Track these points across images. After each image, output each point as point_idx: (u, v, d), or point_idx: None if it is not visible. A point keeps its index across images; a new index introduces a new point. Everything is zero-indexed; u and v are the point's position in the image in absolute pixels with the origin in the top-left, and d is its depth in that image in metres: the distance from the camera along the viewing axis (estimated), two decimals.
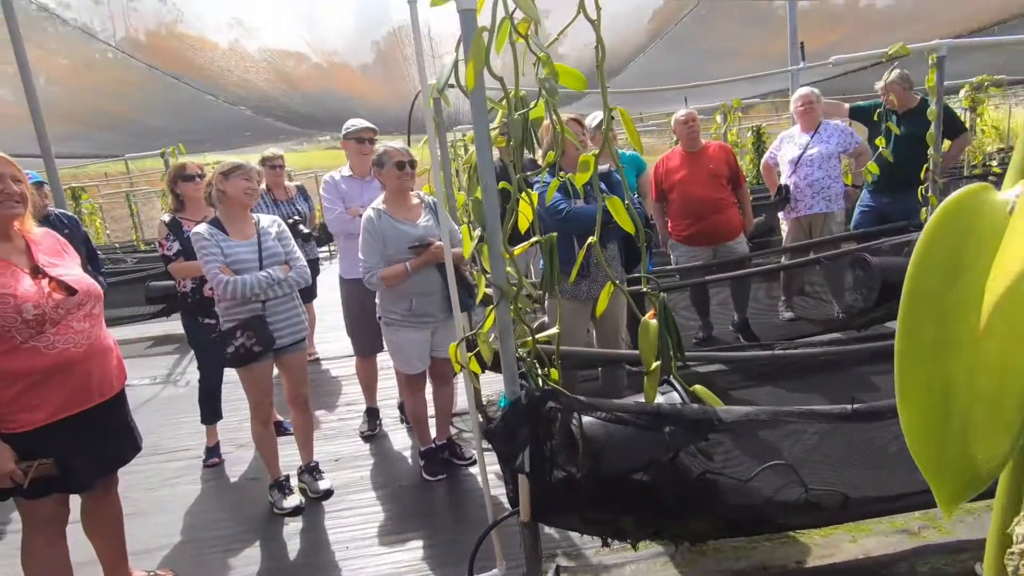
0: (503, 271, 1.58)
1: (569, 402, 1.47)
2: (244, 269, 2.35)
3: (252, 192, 2.37)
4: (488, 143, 1.54)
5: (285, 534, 2.45)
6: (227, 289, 2.26)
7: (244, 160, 2.40)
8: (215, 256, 2.28)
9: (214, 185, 2.33)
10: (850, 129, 3.99)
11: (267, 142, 14.00)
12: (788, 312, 3.98)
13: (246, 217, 2.43)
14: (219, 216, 2.39)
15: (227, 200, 2.35)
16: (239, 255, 2.34)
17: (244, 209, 2.40)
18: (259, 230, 2.44)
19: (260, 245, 2.41)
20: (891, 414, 1.56)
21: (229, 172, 2.33)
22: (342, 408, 3.76)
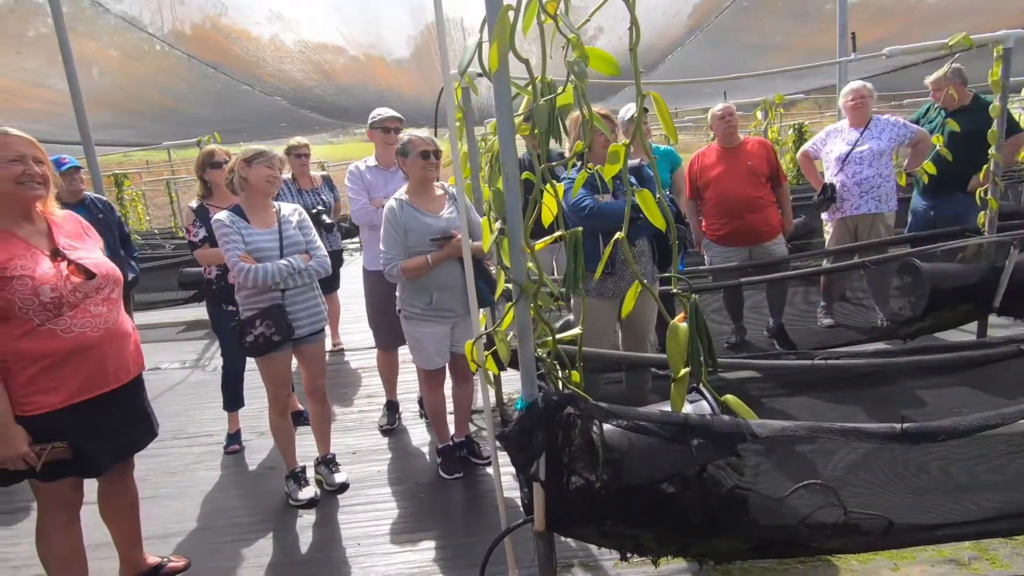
0: (523, 267, 1.50)
1: (589, 408, 1.38)
2: (264, 257, 2.32)
3: (274, 180, 2.34)
4: (512, 130, 1.45)
5: (299, 526, 2.43)
6: (247, 277, 2.24)
7: (269, 148, 2.37)
8: (236, 244, 2.26)
9: (236, 172, 2.31)
10: (903, 121, 3.74)
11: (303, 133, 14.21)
12: (827, 318, 3.79)
13: (267, 205, 2.41)
14: (241, 204, 2.37)
15: (249, 188, 2.32)
16: (259, 243, 2.32)
17: (266, 197, 2.37)
18: (280, 218, 2.41)
19: (281, 234, 2.38)
20: (945, 435, 1.41)
21: (251, 159, 2.30)
22: (362, 400, 3.74)
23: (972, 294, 3.30)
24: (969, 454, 1.53)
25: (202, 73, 7.03)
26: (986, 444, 1.52)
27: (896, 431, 1.38)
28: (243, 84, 7.64)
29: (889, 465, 1.55)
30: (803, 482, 1.59)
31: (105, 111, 7.91)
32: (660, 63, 7.92)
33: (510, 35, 1.36)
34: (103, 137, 9.34)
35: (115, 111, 8.02)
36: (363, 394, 3.86)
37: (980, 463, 1.57)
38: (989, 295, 3.28)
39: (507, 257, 1.52)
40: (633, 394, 2.76)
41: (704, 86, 8.49)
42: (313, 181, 4.13)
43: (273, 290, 2.34)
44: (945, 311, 3.34)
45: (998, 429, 1.40)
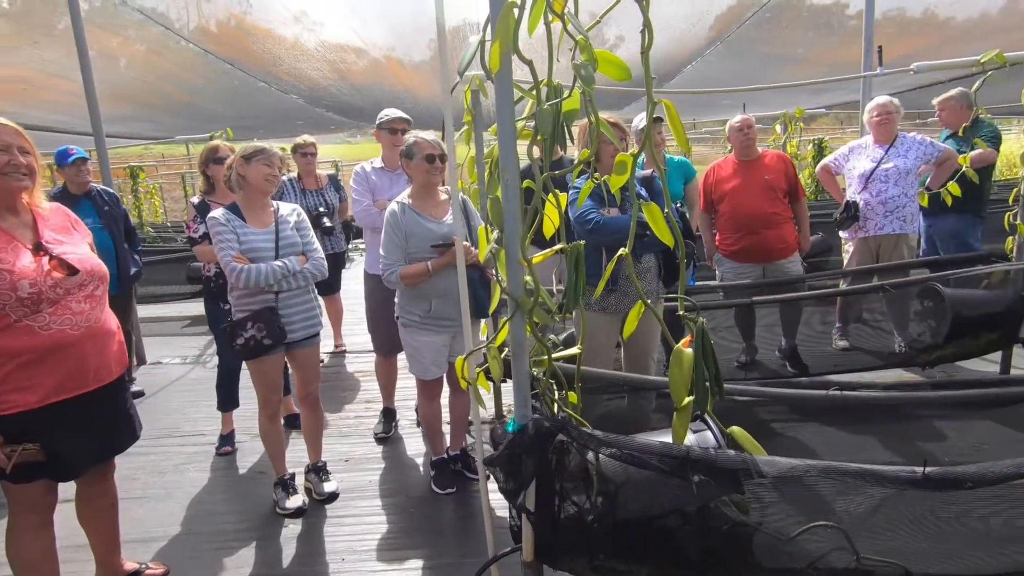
0: (520, 280, 1.41)
1: (582, 436, 1.29)
2: (259, 258, 2.25)
3: (273, 179, 2.27)
4: (513, 135, 1.37)
5: (283, 537, 2.35)
6: (239, 277, 2.17)
7: (268, 145, 2.31)
8: (230, 243, 2.19)
9: (234, 169, 2.25)
10: (929, 140, 3.61)
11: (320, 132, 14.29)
12: (843, 341, 3.65)
13: (265, 204, 2.34)
14: (238, 202, 2.31)
15: (246, 185, 2.26)
16: (255, 243, 2.25)
17: (263, 196, 2.31)
18: (277, 218, 2.35)
19: (278, 234, 2.32)
20: (972, 482, 1.30)
21: (250, 156, 2.24)
22: (360, 406, 3.67)
23: (997, 323, 3.15)
24: (999, 501, 1.41)
25: (219, 69, 7.05)
26: (1017, 490, 1.41)
27: (918, 476, 1.26)
28: (260, 81, 7.65)
29: (908, 508, 1.44)
30: (813, 523, 1.48)
31: (127, 104, 7.99)
32: (678, 72, 7.82)
33: (514, 34, 1.28)
34: (122, 129, 9.43)
35: (136, 104, 8.08)
36: (361, 399, 3.79)
37: (1010, 511, 1.45)
38: (1015, 325, 3.13)
39: (503, 269, 1.44)
40: (636, 414, 2.66)
41: (723, 98, 8.36)
42: (319, 181, 4.08)
43: (266, 292, 2.27)
44: (967, 339, 3.18)
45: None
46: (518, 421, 1.46)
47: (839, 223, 3.74)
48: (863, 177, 3.60)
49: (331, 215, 4.01)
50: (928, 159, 3.55)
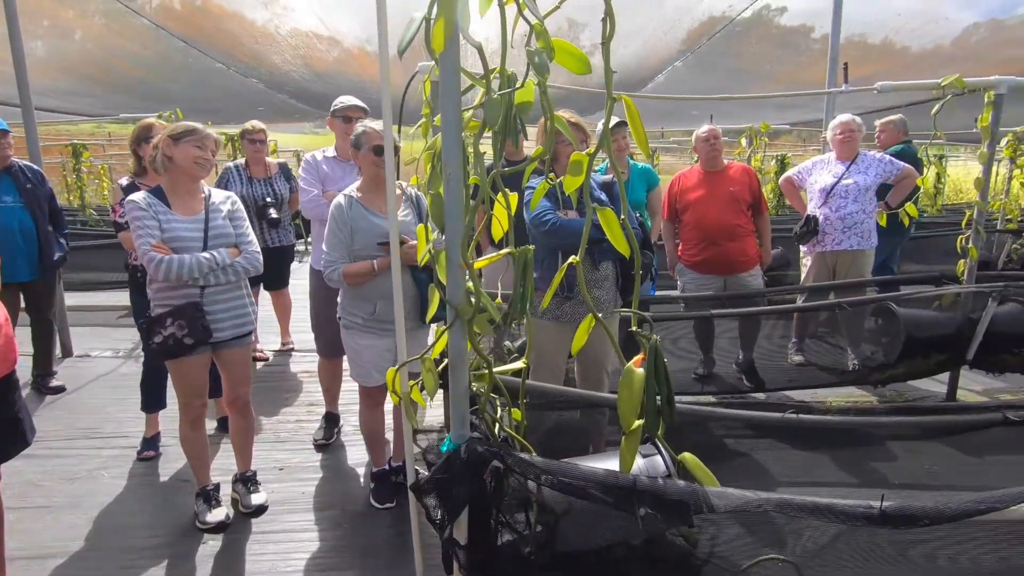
0: (461, 285, 1.27)
1: (521, 464, 1.16)
2: (184, 248, 2.05)
3: (204, 162, 2.07)
4: (458, 125, 1.23)
5: (200, 555, 2.14)
6: (159, 268, 1.96)
7: (202, 126, 2.10)
8: (149, 229, 1.98)
9: (160, 149, 2.04)
10: (889, 158, 3.65)
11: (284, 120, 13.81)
12: (798, 356, 3.64)
13: (194, 190, 2.14)
14: (163, 185, 2.10)
15: (172, 168, 2.05)
16: (179, 232, 2.04)
17: (192, 180, 2.10)
18: (208, 206, 2.14)
19: (207, 223, 2.11)
20: (928, 519, 1.23)
21: (179, 136, 2.03)
22: (302, 409, 3.46)
23: (947, 344, 3.19)
24: (953, 537, 1.36)
25: (172, 47, 6.67)
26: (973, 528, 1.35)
27: (874, 512, 1.18)
28: (217, 62, 7.29)
29: (861, 541, 1.36)
30: (763, 556, 1.39)
31: (77, 78, 7.51)
32: (649, 81, 7.83)
33: (461, 12, 1.14)
34: (69, 105, 8.87)
35: (86, 79, 7.61)
36: (304, 401, 3.58)
37: (962, 546, 1.39)
38: (963, 347, 3.17)
39: (443, 273, 1.30)
40: (590, 426, 2.55)
41: (691, 108, 8.43)
42: (268, 169, 3.85)
43: (191, 286, 2.07)
44: (918, 360, 3.21)
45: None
46: (454, 440, 1.32)
47: (799, 237, 3.74)
48: (824, 192, 3.61)
49: (279, 206, 3.78)
50: (888, 177, 3.59)
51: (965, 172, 15.88)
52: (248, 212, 3.76)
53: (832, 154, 3.71)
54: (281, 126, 14.17)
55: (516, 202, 1.40)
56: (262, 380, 3.93)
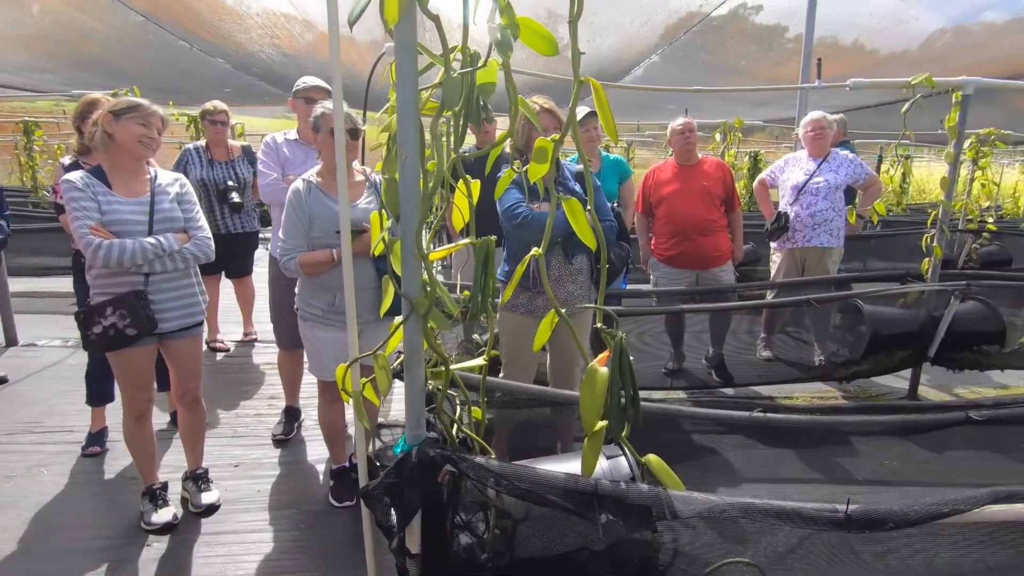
0: (417, 278, 1.19)
1: (474, 469, 1.09)
2: (126, 232, 1.91)
3: (148, 141, 1.93)
4: (414, 105, 1.14)
5: (143, 558, 2.02)
6: (97, 254, 1.83)
7: (147, 102, 1.96)
8: (87, 211, 1.84)
9: (100, 125, 1.89)
10: (859, 160, 3.69)
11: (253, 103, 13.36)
12: (767, 351, 3.66)
13: (138, 170, 2.00)
14: (103, 165, 1.95)
15: (113, 147, 1.91)
16: (121, 215, 1.91)
17: (135, 160, 1.96)
18: (154, 188, 2.01)
19: (153, 206, 1.98)
20: (894, 523, 1.20)
21: (121, 112, 1.89)
22: (262, 402, 3.33)
23: (910, 342, 3.23)
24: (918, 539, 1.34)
25: (131, 21, 6.35)
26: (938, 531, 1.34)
27: (840, 516, 1.15)
28: (180, 40, 6.97)
29: (826, 543, 1.34)
30: (727, 560, 1.36)
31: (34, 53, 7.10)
32: (626, 74, 7.80)
33: None
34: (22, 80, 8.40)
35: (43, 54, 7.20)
36: (265, 395, 3.45)
37: (929, 550, 1.38)
38: (926, 344, 3.22)
39: (398, 263, 1.22)
40: (559, 422, 2.51)
41: (667, 102, 8.43)
42: (230, 152, 3.68)
43: (134, 273, 1.93)
44: (882, 356, 3.26)
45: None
46: (409, 441, 1.25)
47: (770, 233, 3.75)
48: (795, 189, 3.63)
49: (242, 190, 3.62)
50: (857, 180, 3.61)
51: (928, 173, 16.35)
52: (209, 196, 3.63)
53: (804, 152, 3.73)
54: (250, 108, 13.73)
55: (479, 190, 1.33)
56: (222, 372, 3.78)
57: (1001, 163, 13.62)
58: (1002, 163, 13.69)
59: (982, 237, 6.20)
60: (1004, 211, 10.86)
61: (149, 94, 5.24)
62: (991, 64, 6.04)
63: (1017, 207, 11.78)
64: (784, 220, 3.63)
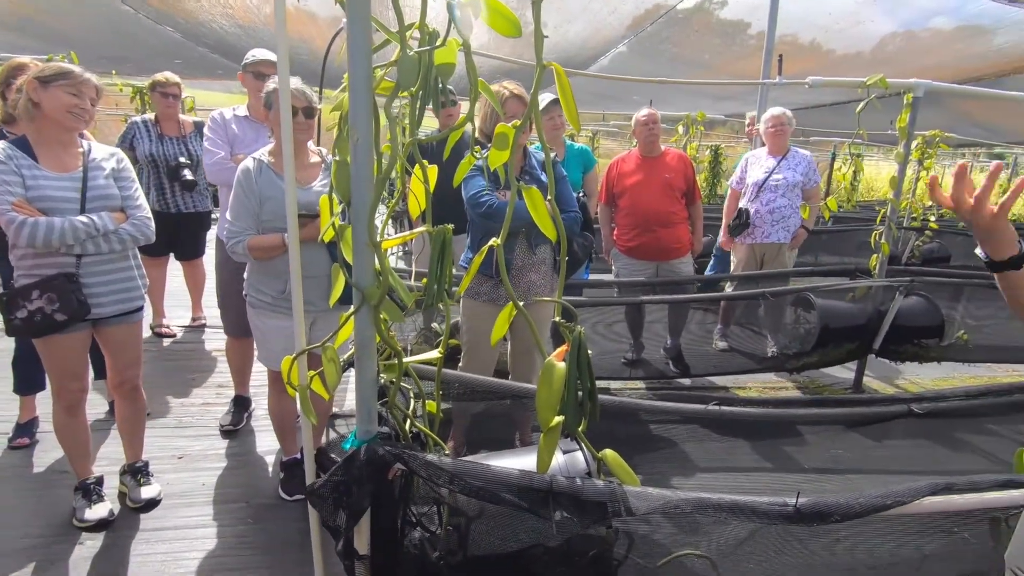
0: (369, 266, 1.13)
1: (425, 468, 1.05)
2: (55, 210, 1.77)
3: (79, 113, 1.78)
4: (368, 84, 1.08)
5: (75, 557, 1.91)
6: (21, 232, 1.68)
7: (80, 69, 1.81)
8: (8, 186, 1.69)
9: (24, 92, 1.73)
10: (815, 165, 3.79)
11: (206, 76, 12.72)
12: (723, 342, 3.74)
13: (69, 143, 1.85)
14: (29, 136, 1.79)
15: (40, 116, 1.75)
16: (48, 190, 1.76)
17: (65, 132, 1.81)
18: (87, 162, 1.86)
19: (85, 182, 1.83)
20: (839, 515, 1.23)
21: (49, 79, 1.73)
22: (210, 391, 3.19)
23: (857, 334, 3.36)
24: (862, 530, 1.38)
25: None
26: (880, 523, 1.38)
27: (790, 510, 1.17)
28: (124, 4, 6.54)
29: (777, 538, 1.36)
30: (680, 552, 1.37)
31: None
32: (592, 63, 7.78)
33: None
34: None
35: None
36: (213, 383, 3.31)
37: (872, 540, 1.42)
38: (871, 337, 3.35)
39: (348, 251, 1.16)
40: (516, 413, 2.49)
41: (632, 93, 8.47)
42: (181, 127, 3.49)
43: (64, 254, 1.79)
44: (831, 348, 3.37)
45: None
46: (360, 437, 1.20)
47: (731, 229, 3.83)
48: (756, 186, 3.70)
49: (194, 167, 3.44)
50: (809, 183, 3.70)
51: (877, 171, 17.05)
52: (159, 173, 3.43)
53: (763, 149, 3.80)
54: (202, 82, 13.07)
55: (437, 176, 1.28)
56: (167, 358, 3.61)
57: (944, 164, 14.30)
58: (944, 164, 14.38)
59: (924, 235, 6.49)
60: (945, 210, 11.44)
61: (90, 63, 4.88)
62: (938, 69, 6.29)
63: None
64: (745, 217, 3.70)
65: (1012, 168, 10.31)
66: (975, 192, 1.04)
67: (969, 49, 5.89)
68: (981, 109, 8.19)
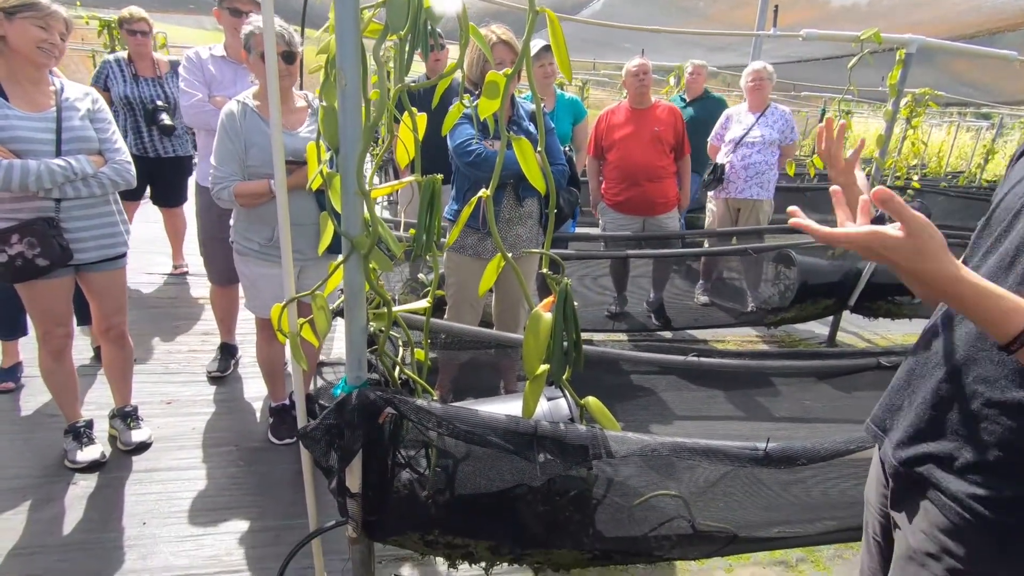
0: (358, 215, 1.14)
1: (415, 412, 1.09)
2: (29, 152, 1.71)
3: (49, 48, 1.70)
4: (355, 26, 1.05)
5: (69, 497, 1.96)
6: None
7: (48, 1, 1.70)
8: None
9: None
10: (793, 123, 3.78)
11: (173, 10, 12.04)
12: (704, 296, 3.82)
13: (39, 79, 1.77)
14: None
15: (7, 51, 1.67)
16: (20, 131, 1.70)
17: (35, 69, 1.73)
18: (61, 102, 1.79)
19: (60, 123, 1.77)
20: (805, 459, 1.31)
21: (13, 11, 1.64)
22: (195, 338, 3.20)
23: (834, 291, 3.45)
24: (824, 472, 1.47)
25: None
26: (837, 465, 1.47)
27: (759, 454, 1.24)
28: None
29: (746, 481, 1.45)
30: (655, 492, 1.45)
31: None
32: (585, 6, 7.51)
33: None
34: None
35: None
36: (199, 330, 3.31)
37: (829, 482, 1.52)
38: (847, 294, 3.44)
39: (337, 199, 1.15)
40: (502, 362, 2.55)
41: (623, 40, 8.23)
42: (157, 67, 3.33)
43: (42, 198, 1.75)
44: (808, 304, 3.46)
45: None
46: (349, 383, 1.23)
47: (706, 184, 3.85)
48: (733, 142, 3.71)
49: (172, 110, 3.31)
50: (785, 140, 3.70)
51: (865, 128, 17.00)
52: (135, 116, 3.30)
53: (743, 106, 3.78)
54: (173, 16, 12.36)
55: (426, 124, 1.26)
56: (152, 305, 3.59)
57: (930, 123, 14.29)
58: (931, 123, 14.37)
59: (907, 194, 6.56)
60: (928, 169, 11.51)
61: None
62: (933, 24, 6.19)
63: (940, 166, 12.52)
64: (720, 172, 3.73)
65: (998, 129, 10.35)
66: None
67: (965, 3, 5.79)
68: (971, 69, 8.13)
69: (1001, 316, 0.69)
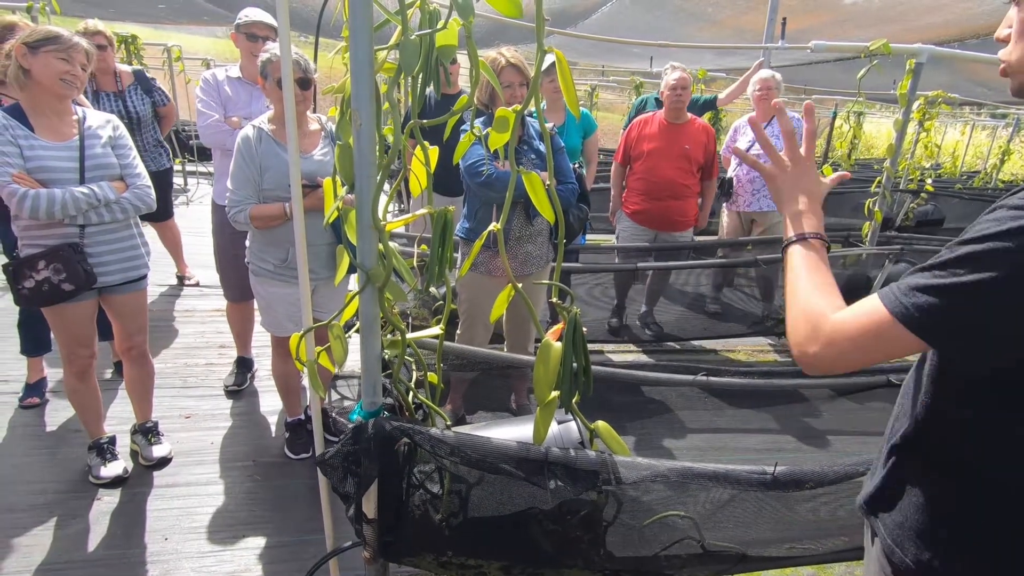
0: (373, 248, 1.17)
1: (429, 442, 1.12)
2: (55, 181, 1.77)
3: (71, 79, 1.76)
4: (369, 65, 1.08)
5: (94, 512, 2.01)
6: (23, 204, 1.69)
7: (68, 32, 1.77)
8: (7, 157, 1.69)
9: (14, 58, 1.71)
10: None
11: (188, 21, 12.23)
12: (715, 306, 3.82)
13: (63, 111, 1.83)
14: (22, 104, 1.78)
15: (31, 84, 1.73)
16: (47, 161, 1.76)
17: (58, 100, 1.79)
18: (83, 131, 1.85)
19: (83, 151, 1.83)
20: (812, 482, 1.32)
21: (37, 45, 1.70)
22: (213, 351, 3.26)
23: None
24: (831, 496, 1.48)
25: None
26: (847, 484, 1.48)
27: (767, 477, 1.26)
28: None
29: (755, 504, 1.46)
30: (665, 513, 1.47)
31: None
32: (591, 14, 7.52)
33: None
34: None
35: None
36: (215, 343, 3.37)
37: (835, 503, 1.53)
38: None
39: (352, 233, 1.19)
40: (513, 377, 2.57)
41: (632, 46, 8.24)
42: (119, 80, 3.22)
43: (67, 225, 1.81)
44: None
45: None
46: (365, 408, 1.26)
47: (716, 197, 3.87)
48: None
49: (135, 125, 3.24)
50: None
51: (878, 129, 16.82)
52: None
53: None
54: (188, 28, 12.57)
55: (437, 156, 1.30)
56: (167, 319, 3.66)
57: (944, 122, 14.12)
58: (944, 122, 14.20)
59: (920, 197, 6.50)
60: (943, 170, 11.38)
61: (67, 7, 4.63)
62: (944, 27, 6.14)
63: (956, 166, 12.37)
64: (728, 186, 3.73)
65: (1014, 128, 10.19)
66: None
67: (978, 7, 5.74)
68: (986, 68, 8.04)
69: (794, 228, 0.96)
